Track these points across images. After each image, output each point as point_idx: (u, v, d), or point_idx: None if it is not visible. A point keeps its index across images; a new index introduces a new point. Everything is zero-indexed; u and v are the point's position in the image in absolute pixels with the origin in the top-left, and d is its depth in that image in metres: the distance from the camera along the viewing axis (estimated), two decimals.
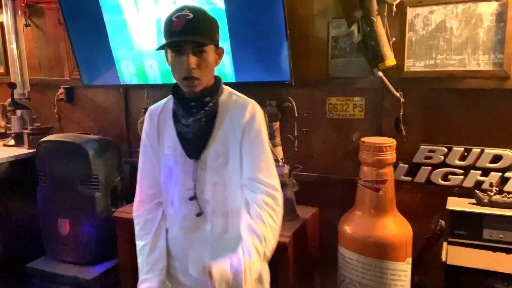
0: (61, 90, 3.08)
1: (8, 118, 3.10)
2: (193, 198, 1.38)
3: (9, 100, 3.04)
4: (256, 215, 1.31)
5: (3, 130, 3.25)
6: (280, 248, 1.98)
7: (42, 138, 2.65)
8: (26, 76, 3.09)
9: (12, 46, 3.02)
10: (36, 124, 3.07)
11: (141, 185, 1.50)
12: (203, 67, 1.30)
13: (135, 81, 2.64)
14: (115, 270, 2.49)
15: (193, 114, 1.36)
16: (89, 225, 2.50)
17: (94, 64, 2.73)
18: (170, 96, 1.44)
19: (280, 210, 1.36)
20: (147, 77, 2.58)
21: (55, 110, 3.13)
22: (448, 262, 1.76)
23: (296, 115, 2.17)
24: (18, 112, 3.02)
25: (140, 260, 1.48)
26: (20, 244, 2.74)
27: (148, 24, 2.41)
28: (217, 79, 1.41)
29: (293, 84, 2.19)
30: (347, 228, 1.99)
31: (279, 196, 1.37)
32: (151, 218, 1.48)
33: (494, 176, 2.01)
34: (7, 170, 2.70)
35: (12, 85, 3.00)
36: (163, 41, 1.31)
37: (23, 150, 2.87)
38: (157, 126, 1.44)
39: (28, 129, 2.95)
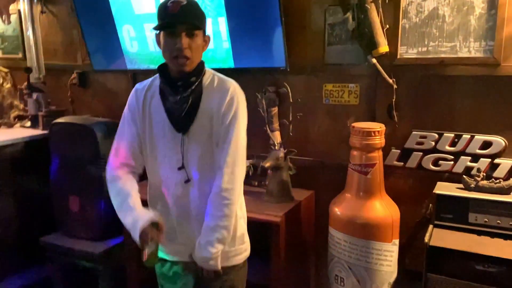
0: (74, 75, 3.21)
1: (25, 101, 3.27)
2: (181, 167, 1.54)
3: (26, 84, 3.20)
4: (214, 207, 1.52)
5: (21, 113, 3.43)
6: (272, 227, 2.09)
7: (55, 120, 2.80)
8: (42, 61, 3.24)
9: (28, 33, 3.17)
10: (51, 107, 3.23)
11: (117, 153, 1.60)
12: (194, 48, 1.45)
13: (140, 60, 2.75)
14: (121, 246, 2.63)
15: (180, 93, 1.50)
16: (97, 203, 2.64)
17: (103, 50, 2.85)
18: (156, 76, 1.58)
19: (232, 203, 1.53)
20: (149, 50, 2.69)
21: (69, 93, 3.27)
22: (431, 244, 1.82)
23: (291, 101, 2.24)
24: (34, 95, 3.17)
25: (122, 215, 1.55)
26: (34, 219, 2.91)
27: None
28: (201, 62, 1.54)
29: (289, 70, 2.26)
30: (337, 210, 2.07)
31: (233, 193, 1.52)
32: (128, 178, 1.59)
33: (484, 162, 2.04)
34: (22, 150, 2.86)
35: (29, 70, 3.16)
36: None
37: (38, 131, 3.03)
38: (142, 102, 1.57)
39: (43, 111, 3.11)
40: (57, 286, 2.79)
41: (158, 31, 1.50)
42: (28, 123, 3.20)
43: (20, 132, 3.02)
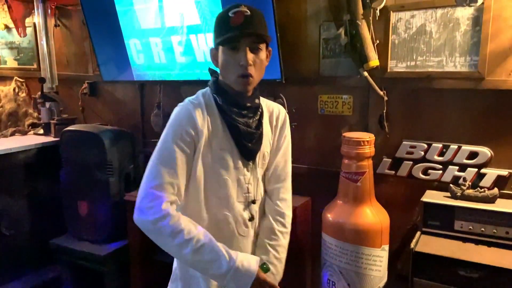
0: (85, 85, 3.37)
1: (39, 110, 3.44)
2: (254, 201, 1.42)
3: (39, 93, 3.37)
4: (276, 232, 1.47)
5: (35, 121, 3.60)
6: None
7: (66, 128, 2.95)
8: (55, 71, 3.41)
9: (42, 43, 3.35)
10: (64, 116, 3.40)
11: (169, 188, 1.25)
12: (258, 65, 1.29)
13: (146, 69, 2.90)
14: (126, 249, 2.76)
15: (248, 116, 1.36)
16: (104, 207, 2.77)
17: (112, 62, 3.00)
18: (205, 91, 1.39)
19: (288, 230, 1.52)
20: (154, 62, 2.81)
21: (80, 103, 3.44)
22: (416, 249, 1.91)
23: (287, 111, 2.34)
24: (47, 104, 3.34)
25: (207, 255, 1.23)
26: (45, 222, 3.06)
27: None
28: None
29: (284, 82, 2.37)
30: (329, 216, 2.16)
31: (290, 218, 1.52)
32: (181, 215, 1.27)
33: (471, 172, 2.12)
34: (35, 156, 3.02)
35: (42, 80, 3.33)
36: (216, 38, 1.31)
37: (50, 138, 3.19)
38: (206, 125, 1.32)
39: (55, 119, 3.27)
40: (66, 286, 2.93)
41: (214, 46, 1.33)
42: (41, 131, 3.37)
43: (33, 139, 3.18)
